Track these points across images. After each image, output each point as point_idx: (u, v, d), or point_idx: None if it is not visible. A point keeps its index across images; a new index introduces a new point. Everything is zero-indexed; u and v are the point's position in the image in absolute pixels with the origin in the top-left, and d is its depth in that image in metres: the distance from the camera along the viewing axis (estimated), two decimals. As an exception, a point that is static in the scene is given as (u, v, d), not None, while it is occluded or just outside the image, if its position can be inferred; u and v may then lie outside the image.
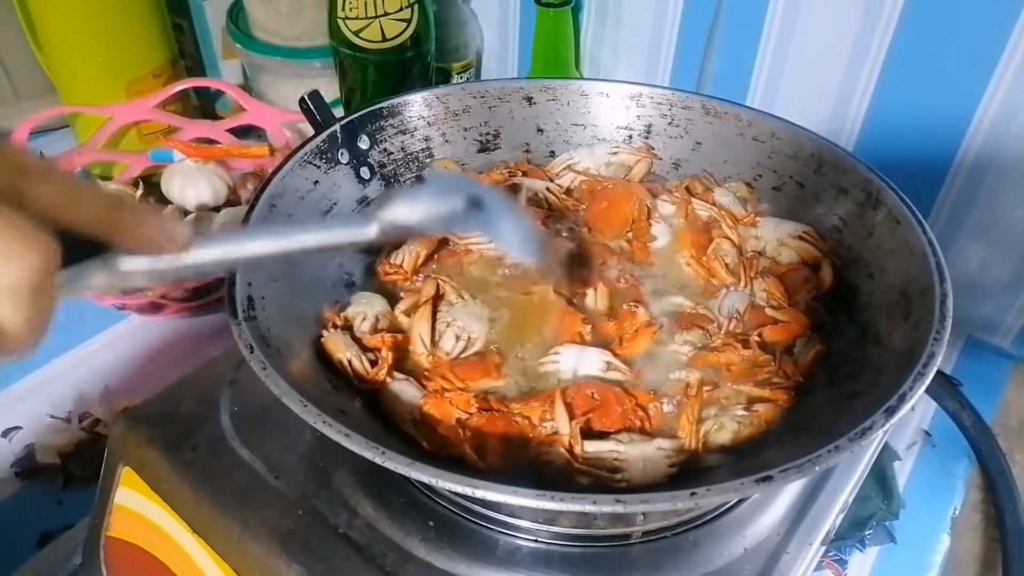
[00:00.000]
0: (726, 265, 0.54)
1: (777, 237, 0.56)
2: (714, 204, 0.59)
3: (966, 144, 0.66)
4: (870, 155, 0.68)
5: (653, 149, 0.63)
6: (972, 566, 0.72)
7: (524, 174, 0.61)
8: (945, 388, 0.67)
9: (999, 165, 0.66)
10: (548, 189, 0.60)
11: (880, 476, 0.63)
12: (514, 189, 0.59)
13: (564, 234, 0.57)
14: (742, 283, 0.53)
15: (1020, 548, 0.62)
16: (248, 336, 0.41)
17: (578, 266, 0.54)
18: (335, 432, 0.36)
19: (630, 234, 0.56)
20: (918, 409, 0.70)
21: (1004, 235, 0.68)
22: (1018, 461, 0.78)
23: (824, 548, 0.47)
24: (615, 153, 0.62)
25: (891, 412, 0.37)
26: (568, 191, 0.61)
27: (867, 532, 0.59)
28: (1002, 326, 0.73)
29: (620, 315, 0.50)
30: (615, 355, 0.48)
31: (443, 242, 0.56)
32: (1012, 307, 0.72)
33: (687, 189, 0.61)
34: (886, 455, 0.65)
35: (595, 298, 0.51)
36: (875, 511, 0.61)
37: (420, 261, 0.54)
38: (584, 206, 0.59)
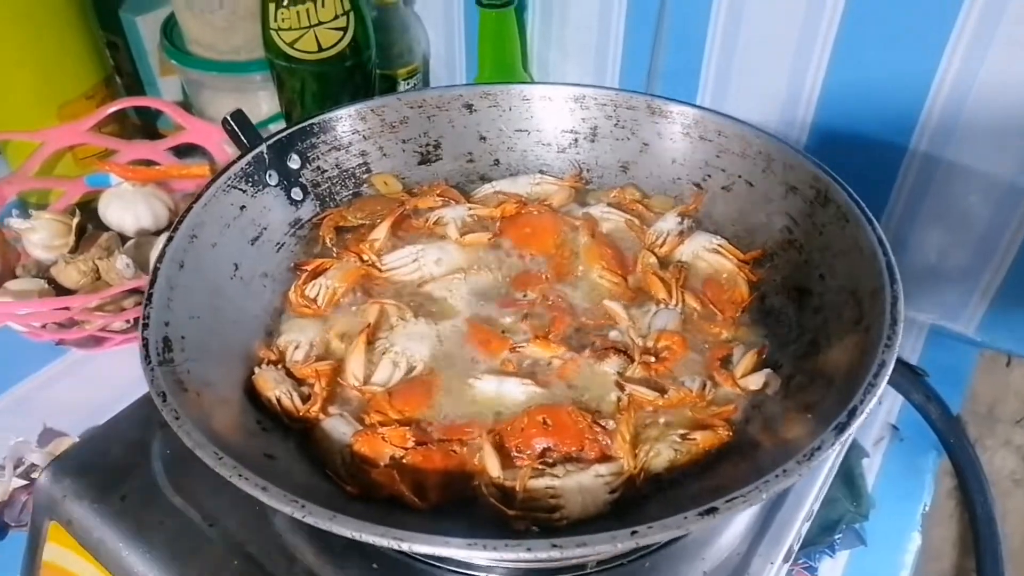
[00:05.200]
0: (660, 279, 0.52)
1: (693, 250, 0.55)
2: (631, 211, 0.58)
3: (918, 132, 0.65)
4: (823, 148, 0.67)
5: (585, 172, 0.62)
6: (948, 553, 0.71)
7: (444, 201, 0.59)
8: (911, 381, 0.65)
9: (952, 151, 0.64)
10: (471, 212, 0.58)
11: (848, 476, 0.62)
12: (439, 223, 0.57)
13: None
14: (673, 300, 0.51)
15: (992, 538, 0.62)
16: (161, 383, 0.38)
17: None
18: (251, 486, 0.33)
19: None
20: (885, 403, 0.69)
21: (961, 221, 0.67)
22: (988, 447, 0.78)
23: (787, 566, 0.45)
24: (538, 184, 0.61)
25: (841, 429, 0.35)
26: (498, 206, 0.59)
27: (836, 536, 0.58)
28: (964, 313, 0.72)
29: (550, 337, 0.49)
30: (537, 383, 0.46)
31: (365, 276, 0.53)
32: (973, 293, 0.70)
33: (617, 200, 0.60)
34: (854, 452, 0.63)
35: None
36: (844, 513, 0.59)
37: (337, 297, 0.51)
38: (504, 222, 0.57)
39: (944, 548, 0.72)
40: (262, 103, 0.88)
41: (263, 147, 0.54)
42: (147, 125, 0.99)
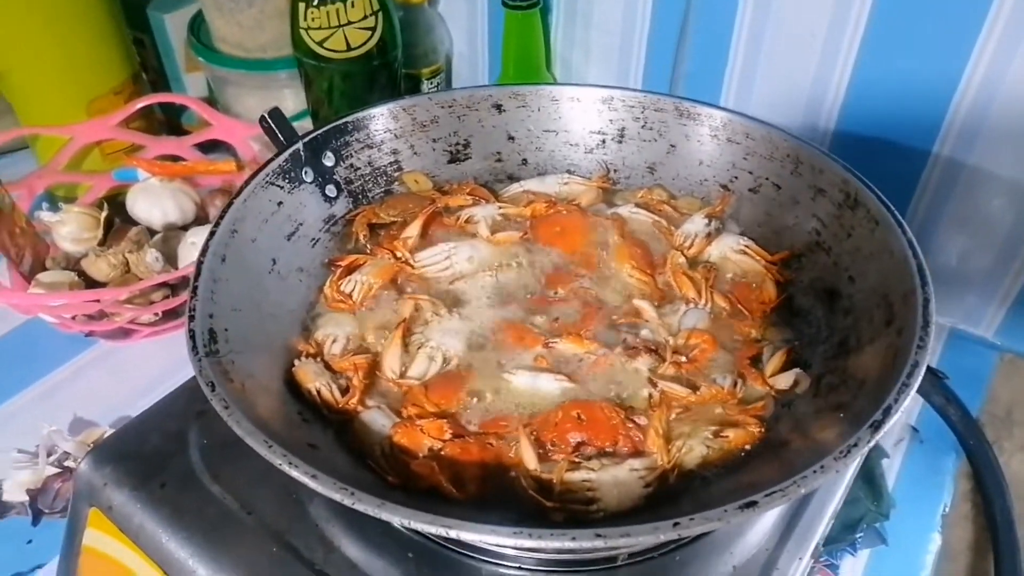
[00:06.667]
0: (689, 278, 0.53)
1: (720, 251, 0.56)
2: (658, 212, 0.59)
3: (943, 134, 0.65)
4: (845, 149, 0.67)
5: (612, 172, 0.62)
6: (965, 555, 0.72)
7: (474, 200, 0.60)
8: (931, 383, 0.66)
9: (976, 156, 0.65)
10: (501, 211, 0.59)
11: (869, 476, 0.62)
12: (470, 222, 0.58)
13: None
14: (703, 300, 0.52)
15: (1010, 540, 0.62)
16: (209, 373, 0.39)
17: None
18: (301, 474, 0.34)
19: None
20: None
21: (984, 225, 0.68)
22: (1006, 449, 0.78)
23: (813, 561, 0.46)
24: (566, 184, 0.61)
25: (877, 427, 0.36)
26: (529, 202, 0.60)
27: (858, 535, 0.59)
28: (985, 317, 0.73)
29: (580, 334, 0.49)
30: (570, 379, 0.46)
31: (399, 272, 0.54)
32: (994, 297, 0.71)
33: (644, 201, 0.60)
34: (874, 453, 0.64)
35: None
36: (865, 513, 0.60)
37: (372, 293, 0.52)
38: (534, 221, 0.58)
39: (960, 549, 0.72)
40: (287, 100, 0.89)
41: (299, 144, 0.55)
42: (171, 120, 1.00)
